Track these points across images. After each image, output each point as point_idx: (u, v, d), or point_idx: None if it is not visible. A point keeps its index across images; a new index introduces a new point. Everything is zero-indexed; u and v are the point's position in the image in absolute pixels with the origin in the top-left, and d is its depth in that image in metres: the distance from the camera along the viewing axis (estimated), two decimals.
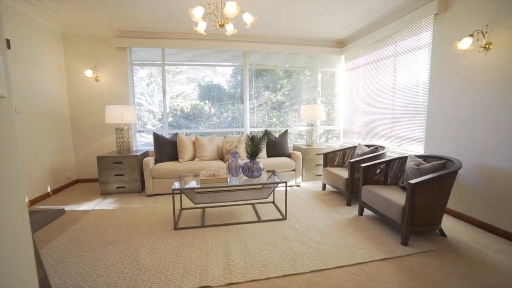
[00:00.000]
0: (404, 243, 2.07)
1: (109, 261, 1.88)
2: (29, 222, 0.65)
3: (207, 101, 4.78)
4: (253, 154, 2.62)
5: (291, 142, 4.80)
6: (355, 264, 1.82)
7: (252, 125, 4.71)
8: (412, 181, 1.99)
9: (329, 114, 4.99)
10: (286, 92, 4.88)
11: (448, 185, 2.12)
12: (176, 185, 2.46)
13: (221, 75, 4.76)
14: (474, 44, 2.29)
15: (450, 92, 2.63)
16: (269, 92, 4.81)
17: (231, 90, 4.73)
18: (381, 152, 3.11)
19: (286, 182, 2.53)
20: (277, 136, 4.15)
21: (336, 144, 4.91)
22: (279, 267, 1.78)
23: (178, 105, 4.72)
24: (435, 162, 2.25)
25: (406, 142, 3.32)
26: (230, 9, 2.17)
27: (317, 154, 4.07)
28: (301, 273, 1.71)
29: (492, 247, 2.04)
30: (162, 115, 4.45)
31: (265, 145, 3.97)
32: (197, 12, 2.27)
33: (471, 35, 2.25)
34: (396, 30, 3.27)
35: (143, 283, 1.63)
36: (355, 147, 3.61)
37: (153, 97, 4.75)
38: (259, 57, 4.51)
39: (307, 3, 3.12)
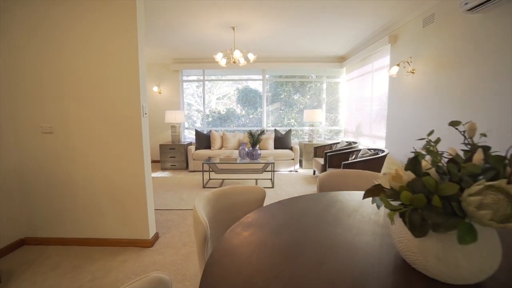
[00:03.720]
0: None
1: (166, 198, 3.48)
2: (149, 175, 2.17)
3: (238, 105, 6.30)
4: (253, 144, 4.00)
5: (300, 139, 5.99)
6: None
7: (269, 124, 6.06)
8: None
9: (334, 117, 6.03)
10: (298, 98, 6.10)
11: (377, 165, 3.18)
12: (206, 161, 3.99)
13: (249, 85, 6.22)
14: (401, 70, 3.27)
15: (399, 102, 3.59)
16: (283, 98, 6.10)
17: (255, 97, 6.15)
18: (350, 146, 4.16)
19: (273, 163, 3.85)
20: (283, 133, 5.42)
21: (337, 141, 5.93)
22: None
23: (216, 108, 6.35)
24: (370, 152, 3.31)
25: (378, 140, 4.28)
26: (237, 54, 3.59)
27: (314, 148, 5.21)
28: None
29: None
30: (204, 116, 6.12)
31: (273, 139, 5.28)
32: (218, 56, 3.74)
33: (398, 65, 3.25)
34: (371, 53, 4.26)
35: (185, 205, 3.16)
36: (338, 142, 4.69)
37: (202, 98, 6.47)
38: (275, 72, 5.83)
39: (310, 30, 4.31)
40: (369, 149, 3.60)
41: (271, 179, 4.26)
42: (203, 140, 5.34)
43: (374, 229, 0.95)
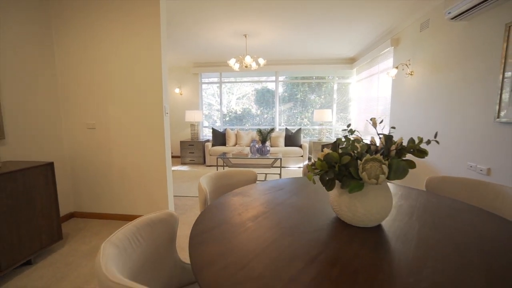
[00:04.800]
0: None
1: (184, 187, 3.96)
2: (169, 165, 2.63)
3: (254, 105, 6.70)
4: (263, 141, 4.37)
5: (311, 137, 6.27)
6: None
7: (281, 123, 6.40)
8: None
9: (345, 116, 6.23)
10: (314, 98, 6.37)
11: None
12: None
13: (267, 86, 6.60)
14: (401, 72, 3.47)
15: (400, 102, 3.78)
16: (299, 98, 6.40)
17: (271, 97, 6.52)
18: None
19: (280, 159, 4.19)
20: (293, 131, 5.73)
21: None
22: None
23: (233, 108, 6.80)
24: None
25: None
26: (248, 60, 3.99)
27: (322, 145, 5.47)
28: None
29: None
30: (221, 116, 6.60)
31: (284, 137, 5.61)
32: (231, 61, 4.16)
33: (397, 67, 3.45)
34: (377, 55, 4.46)
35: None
36: None
37: (222, 98, 6.96)
38: (289, 73, 6.15)
39: (317, 35, 4.62)
40: None
41: (279, 173, 4.60)
42: (219, 138, 5.80)
43: (326, 199, 1.30)
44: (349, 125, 1.06)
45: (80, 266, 1.91)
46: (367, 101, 5.18)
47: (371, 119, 1.03)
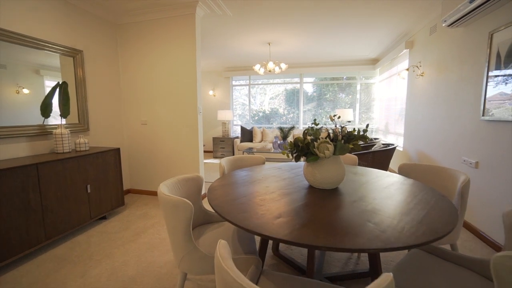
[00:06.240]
0: None
1: (214, 176, 4.64)
2: (201, 153, 3.30)
3: (281, 105, 7.21)
4: (283, 137, 4.86)
5: None
6: None
7: (306, 122, 6.80)
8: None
9: (368, 116, 6.40)
10: (343, 97, 6.66)
11: (385, 156, 3.70)
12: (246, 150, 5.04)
13: (294, 87, 7.07)
14: (413, 73, 3.69)
15: (414, 101, 3.98)
16: (328, 98, 6.74)
17: (295, 98, 6.97)
18: (372, 142, 4.64)
19: None
20: None
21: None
22: None
23: (262, 108, 7.38)
24: (382, 146, 3.83)
25: (399, 136, 4.65)
26: (270, 65, 4.52)
27: None
28: None
29: None
30: (250, 115, 7.23)
31: None
32: (256, 67, 4.72)
33: (407, 69, 3.68)
34: (395, 56, 4.65)
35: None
36: None
37: (255, 98, 7.57)
38: (314, 74, 6.53)
39: (337, 40, 4.98)
40: (383, 144, 4.08)
41: None
42: (247, 135, 6.42)
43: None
44: (315, 120, 1.54)
45: (136, 223, 2.65)
46: (387, 101, 5.34)
47: (329, 116, 1.50)
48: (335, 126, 1.49)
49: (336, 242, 0.86)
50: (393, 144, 3.87)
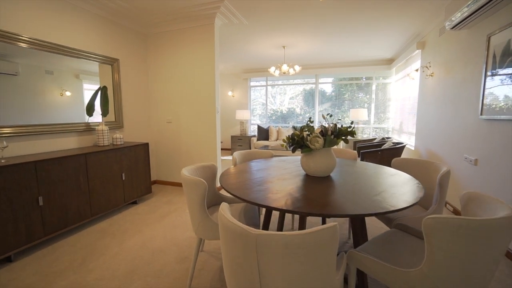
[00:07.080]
0: None
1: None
2: (219, 149, 3.67)
3: (298, 105, 7.44)
4: None
5: None
6: None
7: (322, 121, 6.97)
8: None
9: (384, 115, 6.43)
10: (362, 97, 6.77)
11: (392, 154, 3.83)
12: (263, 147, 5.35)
13: (312, 87, 7.28)
14: (423, 73, 3.78)
15: (424, 101, 4.06)
16: (347, 97, 6.88)
17: (312, 98, 7.17)
18: (382, 141, 4.74)
19: None
20: None
21: (374, 137, 6.32)
22: None
23: (279, 108, 7.66)
24: (392, 144, 3.96)
25: (412, 135, 4.70)
26: (284, 67, 4.79)
27: (353, 142, 5.87)
28: None
29: None
30: (266, 115, 7.54)
31: None
32: (271, 69, 5.02)
33: (417, 70, 3.77)
34: (409, 56, 4.71)
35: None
36: (375, 138, 5.25)
37: (275, 98, 7.86)
38: (330, 75, 6.69)
39: (350, 42, 5.14)
40: (393, 143, 4.20)
41: None
42: (263, 133, 6.73)
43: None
44: (310, 119, 1.82)
45: (162, 208, 3.06)
46: (402, 100, 5.39)
47: (322, 115, 1.76)
48: (328, 123, 1.75)
49: (319, 210, 1.14)
50: (402, 143, 3.97)
